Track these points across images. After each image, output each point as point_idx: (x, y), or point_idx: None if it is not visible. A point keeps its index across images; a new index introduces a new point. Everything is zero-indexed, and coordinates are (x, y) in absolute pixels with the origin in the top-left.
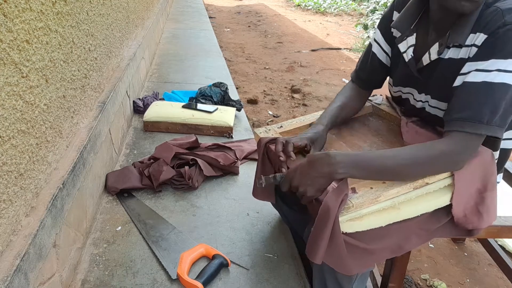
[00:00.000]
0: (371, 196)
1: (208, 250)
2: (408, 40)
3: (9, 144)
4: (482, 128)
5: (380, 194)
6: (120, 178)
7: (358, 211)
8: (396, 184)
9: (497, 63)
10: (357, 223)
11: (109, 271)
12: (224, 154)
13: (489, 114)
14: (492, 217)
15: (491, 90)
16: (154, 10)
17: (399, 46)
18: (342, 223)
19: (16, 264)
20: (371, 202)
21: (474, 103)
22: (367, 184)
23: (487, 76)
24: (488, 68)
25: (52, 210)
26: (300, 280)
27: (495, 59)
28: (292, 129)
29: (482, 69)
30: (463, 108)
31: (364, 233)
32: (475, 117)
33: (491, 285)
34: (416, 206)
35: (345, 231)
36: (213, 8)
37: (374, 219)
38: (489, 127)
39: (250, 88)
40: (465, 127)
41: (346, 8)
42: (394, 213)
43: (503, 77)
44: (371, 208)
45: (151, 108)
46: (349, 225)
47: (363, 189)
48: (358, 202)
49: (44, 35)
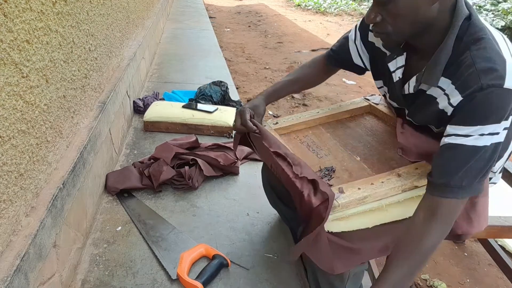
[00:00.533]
0: (358, 197)
1: (208, 250)
2: (397, 60)
3: (9, 144)
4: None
5: (368, 195)
6: (120, 178)
7: (344, 211)
8: (384, 186)
9: (478, 130)
10: (343, 223)
11: (109, 271)
12: (224, 154)
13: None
14: (482, 223)
15: (471, 154)
16: (154, 10)
17: (389, 65)
18: (328, 222)
19: (16, 264)
20: (358, 203)
21: (455, 169)
22: (354, 185)
23: (467, 140)
24: (469, 133)
25: (52, 210)
26: (300, 280)
27: (475, 126)
28: (288, 126)
29: (462, 134)
30: (444, 173)
31: (350, 233)
32: (455, 182)
33: (491, 285)
34: (405, 208)
35: (330, 230)
36: (213, 8)
37: (361, 219)
38: (469, 190)
39: (250, 88)
40: (446, 193)
41: (347, 8)
42: (381, 215)
43: (486, 140)
44: (358, 209)
45: (151, 108)
46: (335, 225)
47: (350, 189)
48: (344, 202)
49: (45, 35)
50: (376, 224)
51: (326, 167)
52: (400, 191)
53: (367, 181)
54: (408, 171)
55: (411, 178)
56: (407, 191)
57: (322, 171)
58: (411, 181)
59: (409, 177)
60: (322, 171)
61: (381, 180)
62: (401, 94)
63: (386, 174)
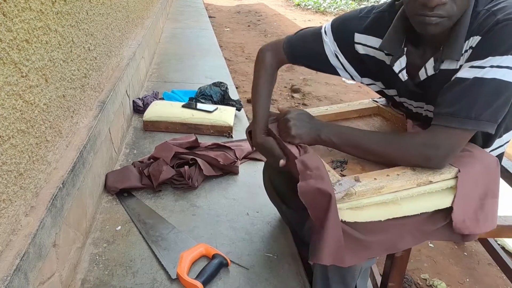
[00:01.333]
0: (374, 186)
1: (208, 249)
2: (401, 61)
3: (9, 143)
4: (469, 123)
5: (384, 186)
6: (119, 177)
7: (360, 200)
8: (400, 178)
9: (492, 60)
10: (357, 213)
11: (109, 270)
12: (224, 154)
13: (477, 109)
14: (489, 224)
15: (482, 85)
16: (154, 9)
17: (394, 68)
18: (342, 210)
19: (16, 263)
20: (374, 192)
21: (463, 98)
22: (370, 175)
23: (479, 72)
24: (483, 65)
25: (51, 209)
26: (300, 280)
27: (491, 56)
28: None
29: (476, 66)
30: (452, 103)
31: (362, 224)
32: (463, 112)
33: (490, 285)
34: (417, 204)
35: (344, 219)
36: (212, 8)
37: (374, 211)
38: (478, 122)
39: (249, 87)
40: (452, 122)
41: (346, 7)
42: (394, 208)
43: (496, 72)
44: (373, 199)
45: (151, 107)
46: (349, 214)
47: (366, 179)
48: (361, 190)
49: (44, 35)
50: (388, 218)
51: (338, 159)
52: (415, 185)
53: (382, 173)
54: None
55: (426, 172)
56: (422, 186)
57: (334, 162)
58: (427, 175)
59: (424, 171)
60: (334, 162)
61: (396, 172)
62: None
63: (401, 167)
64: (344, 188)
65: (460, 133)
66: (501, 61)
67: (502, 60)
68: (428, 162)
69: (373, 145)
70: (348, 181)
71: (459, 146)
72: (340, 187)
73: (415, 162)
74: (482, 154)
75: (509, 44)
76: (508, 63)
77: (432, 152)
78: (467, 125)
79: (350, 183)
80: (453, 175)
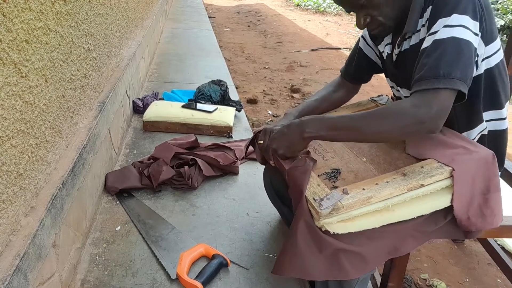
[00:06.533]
0: (362, 197)
1: (207, 250)
2: (385, 40)
3: (9, 144)
4: (440, 82)
5: (372, 196)
6: (119, 178)
7: (349, 212)
8: (389, 185)
9: (442, 21)
10: (349, 224)
11: (109, 271)
12: (224, 154)
13: (444, 67)
14: (497, 219)
15: (441, 45)
16: (154, 9)
17: (379, 47)
18: (332, 224)
19: (16, 264)
20: (362, 204)
21: (429, 61)
22: (359, 185)
23: (435, 36)
24: (436, 29)
25: (51, 210)
26: (300, 280)
27: (440, 19)
28: None
29: (432, 32)
30: (420, 69)
31: (357, 234)
32: (431, 73)
33: (490, 285)
34: (412, 208)
35: (337, 232)
36: (212, 8)
37: (367, 220)
38: (448, 80)
39: (249, 87)
40: (422, 84)
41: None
42: (388, 215)
43: (450, 31)
44: (363, 209)
45: (151, 108)
46: (341, 226)
47: (355, 190)
48: (348, 203)
49: (44, 35)
50: (384, 224)
51: (332, 169)
52: (406, 190)
53: (372, 181)
54: (413, 170)
55: (417, 176)
56: (413, 190)
57: (328, 174)
58: (417, 179)
59: (415, 175)
60: (327, 174)
61: (386, 180)
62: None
63: (391, 173)
64: (331, 203)
65: (432, 93)
66: (450, 20)
67: (451, 19)
68: (422, 125)
69: (363, 123)
70: (336, 194)
71: (447, 105)
72: (328, 202)
73: (409, 129)
74: (477, 148)
75: (452, 4)
76: (458, 22)
77: (424, 112)
78: (438, 84)
79: (338, 196)
80: (446, 176)
